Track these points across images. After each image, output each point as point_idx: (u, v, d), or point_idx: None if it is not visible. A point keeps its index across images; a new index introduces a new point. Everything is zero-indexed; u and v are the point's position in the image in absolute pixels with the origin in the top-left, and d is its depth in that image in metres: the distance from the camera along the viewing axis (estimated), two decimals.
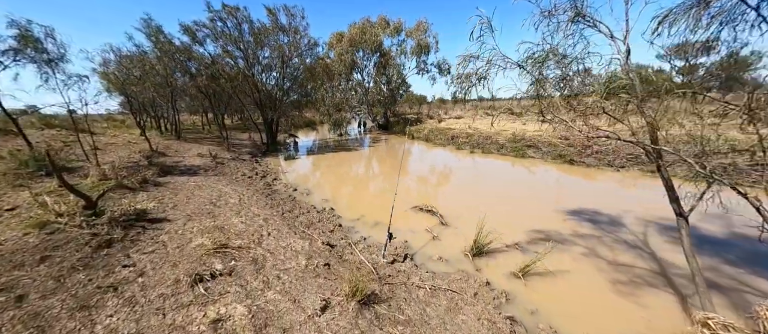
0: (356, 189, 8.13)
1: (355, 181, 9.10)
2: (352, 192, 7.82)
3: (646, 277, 3.51)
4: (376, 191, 7.86)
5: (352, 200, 7.00)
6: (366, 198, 7.26)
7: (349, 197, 7.27)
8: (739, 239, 4.33)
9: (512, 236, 4.67)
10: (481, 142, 13.41)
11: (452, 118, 24.50)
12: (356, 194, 7.60)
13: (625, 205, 5.78)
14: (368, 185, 8.56)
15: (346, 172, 10.41)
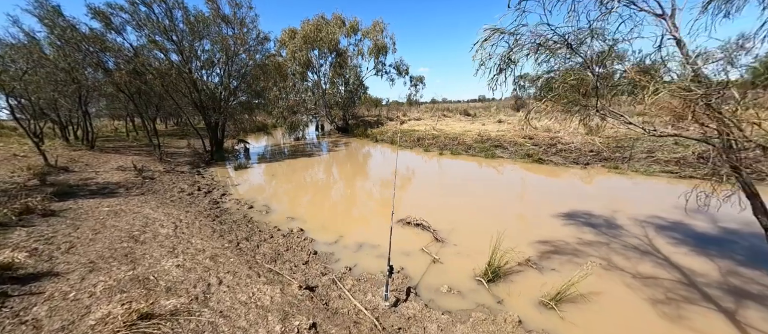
0: (326, 202, 7.04)
1: (322, 191, 7.98)
2: (322, 206, 6.72)
3: (679, 291, 3.15)
4: (350, 203, 6.87)
5: (323, 216, 5.92)
6: (339, 212, 6.24)
7: (319, 212, 6.17)
8: None
9: (518, 249, 4.10)
10: (448, 144, 13.15)
11: (412, 119, 24.36)
12: (327, 208, 6.53)
13: (612, 204, 5.66)
14: (339, 196, 7.52)
15: (309, 181, 9.19)
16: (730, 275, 3.36)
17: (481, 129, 14.60)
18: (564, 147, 10.12)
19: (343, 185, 8.68)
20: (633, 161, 8.53)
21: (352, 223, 5.53)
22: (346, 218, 5.81)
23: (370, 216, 5.83)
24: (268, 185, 8.76)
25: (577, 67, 2.77)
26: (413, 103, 39.21)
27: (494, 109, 30.66)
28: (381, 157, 12.85)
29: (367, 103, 34.68)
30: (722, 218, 4.77)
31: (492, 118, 20.32)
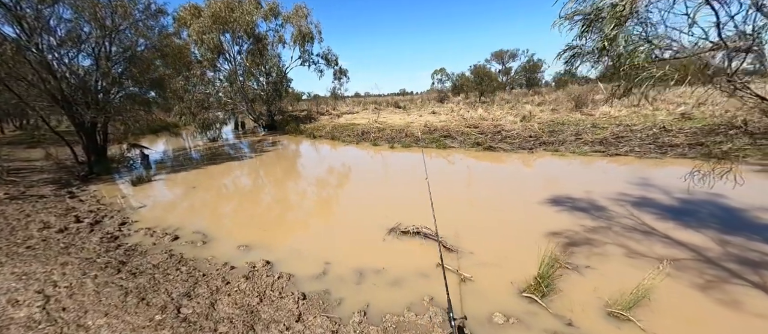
0: (285, 217, 5.59)
1: (274, 204, 6.40)
2: (282, 223, 5.28)
3: (707, 270, 3.17)
4: (318, 216, 5.59)
5: (289, 237, 4.57)
6: (309, 229, 4.95)
7: (281, 233, 4.76)
8: None
9: (530, 247, 3.74)
10: (395, 137, 12.66)
11: (346, 114, 23.23)
12: (290, 226, 5.14)
13: (582, 186, 5.92)
14: (300, 208, 6.12)
15: (250, 191, 7.38)
16: (725, 244, 3.60)
17: (425, 120, 14.61)
18: (507, 134, 10.72)
19: (300, 192, 7.21)
20: (567, 144, 9.50)
21: (332, 241, 4.37)
22: (320, 236, 4.59)
23: (351, 229, 4.76)
24: (190, 202, 6.63)
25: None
26: (338, 97, 38.00)
27: (420, 102, 31.90)
28: (331, 157, 11.51)
29: (290, 98, 31.86)
30: (675, 191, 5.40)
31: (426, 110, 20.81)
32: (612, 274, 3.15)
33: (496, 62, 43.38)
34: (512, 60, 42.94)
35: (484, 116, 13.79)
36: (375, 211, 5.42)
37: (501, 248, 3.82)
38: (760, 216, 4.19)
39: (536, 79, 41.55)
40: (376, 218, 5.01)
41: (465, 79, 34.99)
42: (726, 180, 3.01)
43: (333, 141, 14.36)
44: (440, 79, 60.02)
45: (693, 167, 3.54)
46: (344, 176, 8.13)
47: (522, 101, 20.82)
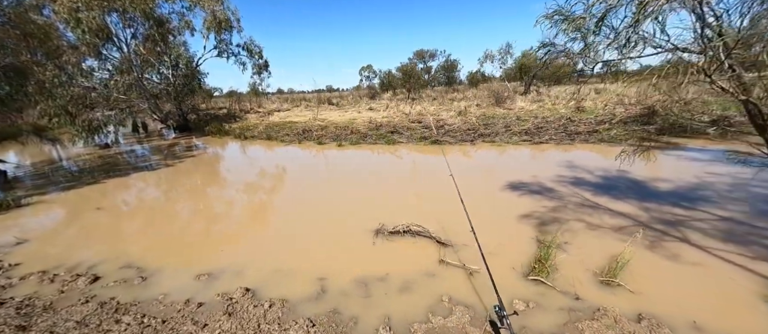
0: (247, 231, 4.76)
1: (223, 217, 5.40)
2: (245, 237, 4.47)
3: (654, 233, 3.90)
4: (283, 224, 4.92)
5: (260, 254, 3.89)
6: (282, 240, 4.31)
7: (248, 250, 4.02)
8: None
9: (514, 232, 4.05)
10: (341, 134, 12.23)
11: (277, 111, 21.46)
12: (256, 240, 4.39)
13: (527, 171, 6.67)
14: (255, 218, 5.30)
15: (183, 205, 6.09)
16: (647, 211, 4.51)
17: (369, 117, 14.50)
18: (449, 128, 11.45)
19: (254, 202, 6.25)
20: (500, 135, 10.66)
21: (317, 253, 3.90)
22: (301, 249, 4.04)
23: (334, 236, 4.34)
24: (96, 227, 5.09)
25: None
26: (260, 94, 34.92)
27: (351, 99, 31.77)
28: (274, 159, 10.39)
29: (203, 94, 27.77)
30: (595, 170, 6.54)
31: (362, 107, 20.74)
32: (586, 247, 3.61)
33: (418, 61, 46.11)
34: (432, 59, 46.25)
35: (423, 112, 14.45)
36: (351, 214, 5.08)
37: (490, 237, 3.97)
38: (658, 186, 5.41)
39: (455, 77, 45.55)
40: (355, 221, 4.69)
41: (392, 77, 36.20)
42: (624, 159, 3.73)
43: (269, 141, 13.04)
44: (368, 76, 60.69)
45: (621, 151, 4.26)
46: (300, 180, 7.42)
47: (446, 98, 22.62)
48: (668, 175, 5.82)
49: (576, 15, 3.13)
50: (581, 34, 3.29)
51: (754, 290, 2.73)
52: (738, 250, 3.35)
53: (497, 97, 16.61)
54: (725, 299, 2.68)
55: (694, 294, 2.76)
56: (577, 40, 3.42)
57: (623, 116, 10.54)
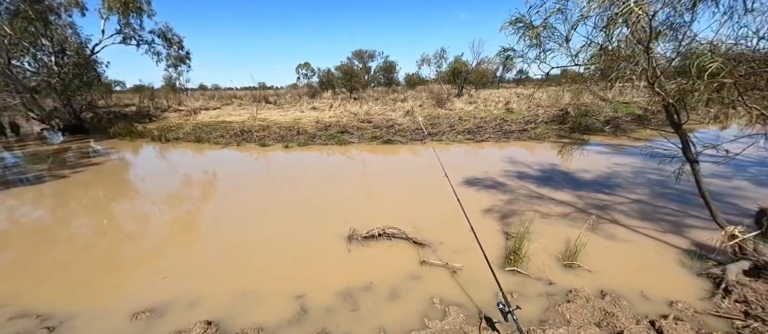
0: (187, 251, 3.99)
1: (155, 238, 4.45)
2: (186, 259, 3.73)
3: (591, 217, 4.50)
4: (240, 238, 4.28)
5: (219, 278, 3.30)
6: (242, 257, 3.73)
7: (198, 275, 3.38)
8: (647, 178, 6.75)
9: (481, 226, 4.27)
10: (286, 135, 11.42)
11: (204, 109, 19.02)
12: (202, 260, 3.71)
13: (479, 168, 7.14)
14: (199, 234, 4.52)
15: (94, 226, 4.86)
16: (582, 198, 5.22)
17: (315, 116, 13.84)
18: (399, 128, 11.65)
19: (197, 216, 5.30)
20: (447, 134, 11.27)
21: (288, 268, 3.48)
22: (268, 266, 3.55)
23: (304, 246, 3.94)
24: None
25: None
26: (179, 89, 30.69)
27: (290, 97, 30.23)
28: (211, 164, 9.08)
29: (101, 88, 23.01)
30: (533, 164, 7.35)
31: (304, 106, 19.77)
32: (545, 234, 3.97)
33: (357, 61, 46.13)
34: (371, 60, 46.76)
35: (370, 112, 14.43)
36: (316, 220, 4.71)
37: (461, 233, 4.09)
38: (583, 176, 6.34)
39: (393, 78, 46.77)
40: (323, 228, 4.37)
41: (332, 76, 35.51)
42: (563, 155, 4.30)
43: (199, 144, 11.43)
44: (306, 74, 58.37)
45: (561, 148, 4.83)
46: (246, 186, 6.61)
47: (388, 98, 23.11)
48: (587, 166, 6.88)
49: (537, 24, 3.41)
50: (538, 42, 3.60)
51: (674, 258, 3.36)
52: (652, 226, 4.10)
53: (438, 99, 17.59)
54: (656, 268, 3.24)
55: (633, 267, 3.27)
56: (534, 47, 3.73)
57: (545, 117, 12.18)
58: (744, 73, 2.67)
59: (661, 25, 3.10)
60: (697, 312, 2.57)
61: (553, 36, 3.48)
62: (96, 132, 14.48)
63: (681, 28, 2.91)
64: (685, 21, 3.09)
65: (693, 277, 3.06)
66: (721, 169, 5.98)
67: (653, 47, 2.89)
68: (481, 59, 32.22)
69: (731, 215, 4.19)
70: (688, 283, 2.98)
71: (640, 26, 2.63)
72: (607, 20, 2.67)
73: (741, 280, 2.81)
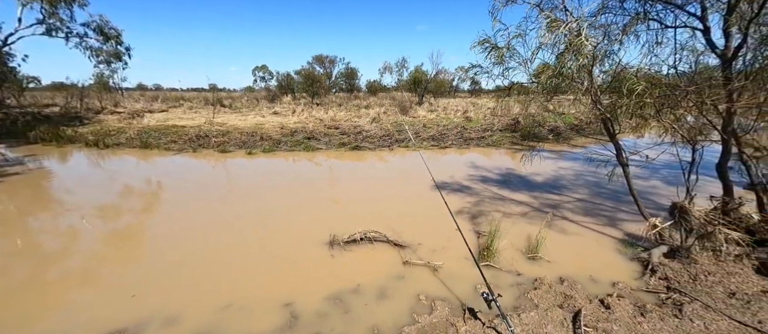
0: (155, 267, 3.68)
1: (113, 255, 4.01)
2: (158, 274, 3.45)
3: (545, 215, 5.09)
4: (222, 250, 4.06)
5: (197, 293, 3.12)
6: (222, 270, 3.56)
7: (176, 291, 3.16)
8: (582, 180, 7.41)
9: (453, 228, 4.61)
10: (249, 141, 10.93)
11: (149, 112, 17.32)
12: (178, 274, 3.47)
13: (445, 172, 7.59)
14: (173, 248, 4.17)
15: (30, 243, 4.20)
16: (536, 198, 5.87)
17: (279, 121, 13.40)
18: (367, 134, 11.83)
19: (155, 225, 4.84)
20: (412, 140, 11.72)
21: (273, 276, 3.41)
22: (251, 277, 3.43)
23: (286, 255, 3.88)
24: None
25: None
26: (111, 89, 27.59)
27: (246, 101, 28.88)
28: (167, 172, 8.30)
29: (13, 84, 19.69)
30: (493, 168, 8.01)
31: (265, 110, 19.01)
32: (510, 231, 4.41)
33: (318, 66, 45.53)
34: (332, 66, 46.51)
35: (336, 118, 14.42)
36: (294, 227, 4.65)
37: (437, 234, 4.38)
38: (536, 179, 7.12)
39: (355, 84, 46.91)
40: (302, 234, 4.35)
41: (292, 80, 34.67)
42: (523, 160, 4.91)
43: (147, 151, 10.41)
44: (263, 77, 55.95)
45: (521, 155, 5.42)
46: (211, 195, 6.22)
47: (351, 104, 23.24)
48: (538, 170, 7.72)
49: (501, 45, 3.86)
50: (501, 61, 4.07)
51: (612, 247, 4.00)
52: (594, 220, 4.80)
53: (402, 107, 18.18)
54: (600, 256, 3.82)
55: (583, 256, 3.82)
56: (497, 65, 4.19)
57: (500, 126, 13.30)
58: (659, 94, 3.34)
59: (598, 52, 3.73)
60: (633, 290, 3.12)
61: (515, 56, 3.96)
62: (10, 136, 12.34)
63: (613, 55, 3.54)
64: (615, 51, 3.77)
65: (627, 261, 3.68)
66: (641, 171, 7.16)
67: (594, 71, 3.47)
68: (439, 70, 34.01)
69: (651, 208, 5.06)
70: (625, 266, 3.58)
71: (586, 53, 3.16)
72: (563, 48, 3.17)
73: (662, 261, 3.46)
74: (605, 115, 3.59)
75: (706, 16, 3.25)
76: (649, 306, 2.76)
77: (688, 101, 3.21)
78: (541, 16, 3.29)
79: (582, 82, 3.49)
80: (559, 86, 3.94)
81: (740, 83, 3.01)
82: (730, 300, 2.78)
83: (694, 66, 3.85)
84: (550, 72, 3.76)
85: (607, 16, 3.71)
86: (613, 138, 3.86)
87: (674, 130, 3.54)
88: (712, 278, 3.09)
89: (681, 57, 3.64)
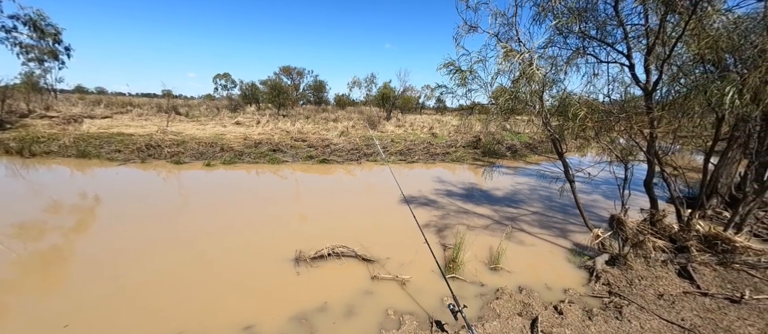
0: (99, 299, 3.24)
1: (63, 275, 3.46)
2: (107, 296, 3.05)
3: (504, 226, 5.39)
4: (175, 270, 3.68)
5: (147, 319, 2.81)
6: (175, 292, 3.23)
7: (126, 318, 2.81)
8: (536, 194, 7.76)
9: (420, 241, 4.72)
10: (206, 152, 10.28)
11: (90, 118, 15.63)
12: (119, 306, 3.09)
13: (414, 187, 7.76)
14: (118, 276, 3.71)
15: None
16: (497, 211, 6.21)
17: (242, 132, 12.81)
18: (335, 147, 11.74)
19: (94, 244, 4.27)
20: (380, 154, 11.86)
21: (226, 297, 3.18)
22: (197, 298, 3.17)
23: (240, 271, 3.65)
24: None
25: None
26: (42, 90, 24.67)
27: (205, 109, 27.39)
28: (107, 186, 7.45)
29: None
30: (457, 183, 8.36)
31: (226, 120, 18.11)
32: (473, 244, 4.61)
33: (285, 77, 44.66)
34: (300, 77, 45.91)
35: (303, 130, 14.16)
36: (256, 244, 4.42)
37: (405, 247, 4.44)
38: (496, 193, 7.56)
39: (323, 97, 46.59)
40: (266, 251, 4.15)
41: (257, 90, 33.69)
42: (484, 175, 5.27)
43: (84, 160, 9.33)
44: (225, 86, 53.38)
45: (482, 170, 5.76)
46: (166, 210, 5.69)
47: (319, 117, 23.05)
48: (498, 185, 8.21)
49: (464, 69, 4.15)
50: (464, 83, 4.36)
51: (564, 256, 4.35)
52: (547, 232, 5.20)
53: (370, 121, 18.40)
54: (553, 265, 4.13)
55: (539, 266, 4.10)
56: (461, 86, 4.48)
57: (463, 142, 13.99)
58: (597, 119, 3.80)
59: (548, 80, 4.18)
60: (582, 295, 3.41)
61: (476, 79, 4.27)
62: None
63: (559, 83, 3.98)
64: (561, 79, 4.24)
65: (576, 269, 4.02)
66: (586, 186, 7.94)
67: (544, 96, 3.86)
68: (406, 87, 35.16)
69: (594, 220, 5.62)
70: (574, 274, 3.90)
71: (537, 80, 3.52)
72: (518, 75, 3.50)
73: (605, 268, 3.84)
74: (554, 136, 3.98)
75: (631, 54, 3.82)
76: (595, 310, 3.03)
77: (620, 126, 3.69)
78: (499, 46, 3.62)
79: (534, 106, 3.87)
80: (515, 108, 4.31)
81: (659, 112, 3.54)
82: (659, 301, 3.16)
83: (624, 96, 4.45)
84: (507, 95, 4.11)
85: (554, 49, 4.19)
86: (561, 156, 4.28)
87: (610, 150, 4.03)
88: (645, 282, 3.49)
89: (613, 87, 4.21)
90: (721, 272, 3.66)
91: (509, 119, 4.89)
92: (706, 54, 3.45)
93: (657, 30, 3.47)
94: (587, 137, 4.16)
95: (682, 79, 3.79)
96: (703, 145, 4.84)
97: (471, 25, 3.96)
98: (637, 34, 3.88)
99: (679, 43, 3.49)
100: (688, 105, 3.57)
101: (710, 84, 3.16)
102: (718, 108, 3.25)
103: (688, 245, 3.89)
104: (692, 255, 3.80)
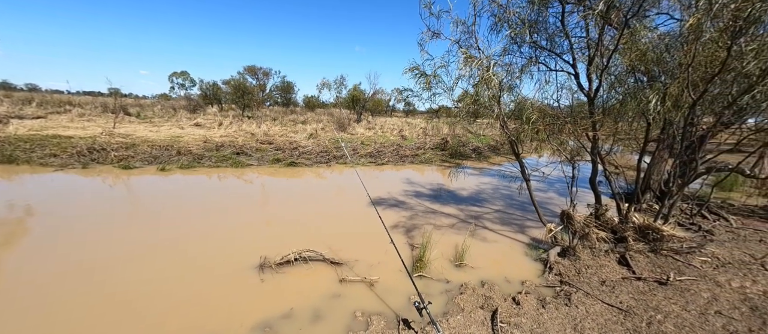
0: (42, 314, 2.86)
1: None
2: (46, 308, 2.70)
3: (469, 225, 5.62)
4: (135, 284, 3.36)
5: None
6: (133, 312, 2.96)
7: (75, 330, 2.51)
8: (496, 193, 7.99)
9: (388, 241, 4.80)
10: (160, 156, 9.56)
11: (16, 117, 13.89)
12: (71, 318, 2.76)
13: (380, 189, 7.83)
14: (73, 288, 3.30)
15: None
16: (463, 210, 6.46)
17: (202, 134, 12.05)
18: (304, 150, 11.48)
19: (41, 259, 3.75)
20: (350, 157, 11.80)
21: (185, 307, 2.98)
22: (153, 310, 2.94)
23: (199, 281, 3.44)
24: None
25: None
26: None
27: (160, 109, 25.57)
28: (34, 192, 6.60)
29: None
30: (426, 184, 8.57)
31: (185, 122, 16.98)
32: (439, 242, 4.76)
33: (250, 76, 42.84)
34: (266, 78, 44.28)
35: (270, 132, 13.69)
36: (219, 252, 4.19)
37: (374, 249, 4.46)
38: (462, 193, 7.86)
39: (292, 99, 45.29)
40: (228, 259, 3.96)
41: (218, 89, 32.07)
42: (451, 176, 5.52)
43: (11, 167, 8.24)
44: (183, 84, 50.00)
45: (449, 171, 5.99)
46: (113, 220, 5.18)
47: (287, 119, 22.46)
48: (464, 185, 8.56)
49: (428, 73, 4.30)
50: (429, 86, 4.51)
51: (521, 250, 4.64)
52: (507, 228, 5.52)
53: (340, 124, 18.26)
54: (512, 259, 4.40)
55: (500, 260, 4.34)
56: (426, 90, 4.63)
57: (431, 144, 14.37)
58: (548, 122, 4.12)
59: (504, 85, 4.46)
60: (537, 286, 3.66)
61: (440, 83, 4.44)
62: None
63: (515, 89, 4.27)
64: (517, 85, 4.54)
65: (533, 262, 4.31)
66: (541, 185, 8.55)
67: (501, 100, 4.12)
68: (376, 89, 35.33)
69: (548, 216, 6.06)
70: (531, 266, 4.19)
71: (494, 85, 3.74)
72: (478, 80, 3.70)
73: (557, 260, 4.16)
74: (511, 138, 4.26)
75: (576, 64, 4.21)
76: (548, 298, 3.28)
77: (567, 129, 4.04)
78: (460, 52, 3.80)
79: (493, 110, 4.11)
80: (478, 111, 4.54)
81: (600, 117, 3.93)
82: (602, 287, 3.50)
83: (572, 101, 4.88)
84: (469, 99, 4.33)
85: (510, 57, 4.49)
86: (518, 157, 4.59)
87: (560, 151, 4.39)
88: (590, 271, 3.84)
89: (562, 94, 4.61)
90: (653, 258, 4.14)
91: (474, 122, 5.14)
92: (637, 65, 3.90)
93: (596, 42, 3.86)
94: (541, 139, 4.50)
95: (619, 88, 4.24)
96: (637, 147, 5.45)
97: (434, 32, 4.12)
98: (581, 45, 4.28)
99: (615, 54, 3.91)
100: (624, 110, 4.01)
101: (640, 92, 3.57)
102: (646, 113, 3.69)
103: (626, 236, 4.35)
104: (629, 244, 4.25)
